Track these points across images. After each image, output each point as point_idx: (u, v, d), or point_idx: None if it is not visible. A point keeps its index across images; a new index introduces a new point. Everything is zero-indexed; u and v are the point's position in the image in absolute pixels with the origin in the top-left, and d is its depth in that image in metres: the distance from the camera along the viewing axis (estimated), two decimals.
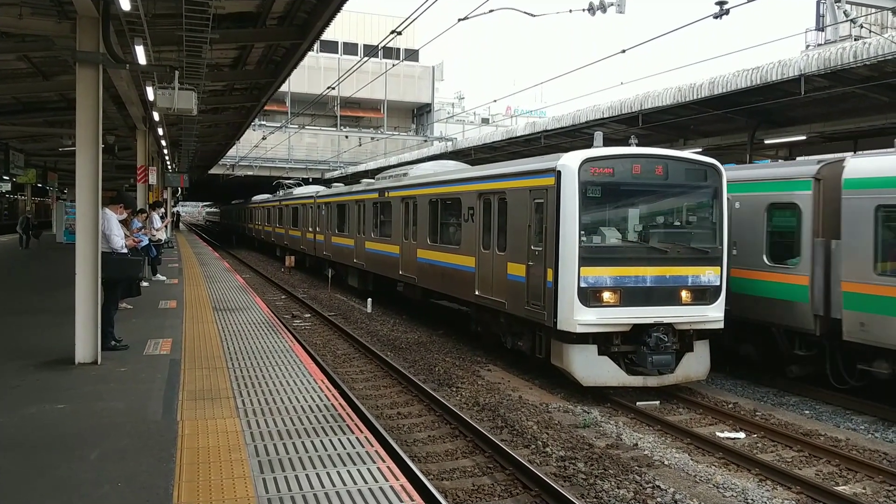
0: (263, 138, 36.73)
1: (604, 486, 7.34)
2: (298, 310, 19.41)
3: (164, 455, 5.49)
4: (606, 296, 10.36)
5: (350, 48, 58.16)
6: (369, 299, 19.61)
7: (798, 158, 17.03)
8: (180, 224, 66.93)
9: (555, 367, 10.99)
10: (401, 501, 4.76)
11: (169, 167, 33.46)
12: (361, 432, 6.18)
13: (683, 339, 10.74)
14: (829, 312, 10.56)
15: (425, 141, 52.41)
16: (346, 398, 8.98)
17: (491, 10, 12.83)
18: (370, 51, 17.42)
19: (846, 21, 19.96)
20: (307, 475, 5.16)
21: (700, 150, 18.40)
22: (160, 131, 21.88)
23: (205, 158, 39.73)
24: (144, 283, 15.42)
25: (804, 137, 17.14)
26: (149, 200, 20.74)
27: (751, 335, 12.07)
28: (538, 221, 11.15)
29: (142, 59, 10.74)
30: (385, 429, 8.65)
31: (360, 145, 48.58)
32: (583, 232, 10.38)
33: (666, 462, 8.16)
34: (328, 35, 16.84)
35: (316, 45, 14.55)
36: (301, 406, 6.93)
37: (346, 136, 50.48)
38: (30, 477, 5.05)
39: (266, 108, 24.02)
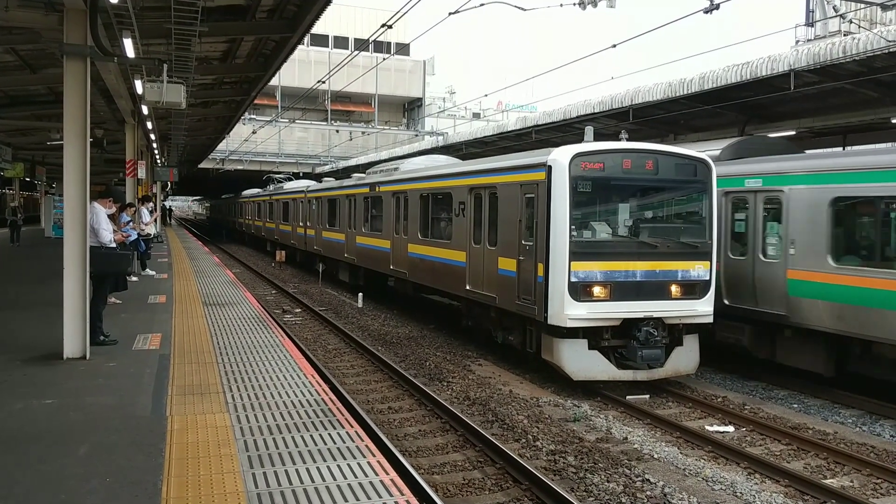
0: (253, 132, 36.61)
1: (594, 479, 7.36)
2: (289, 305, 19.37)
3: (153, 450, 5.47)
4: (597, 290, 10.38)
5: (341, 42, 57.94)
6: (360, 294, 19.58)
7: None
8: (169, 219, 66.49)
9: (545, 361, 11.01)
10: (391, 496, 4.76)
11: (158, 161, 33.32)
12: (352, 427, 6.17)
13: (673, 333, 10.78)
14: None
15: (416, 135, 52.34)
16: (336, 393, 8.99)
17: (482, 4, 12.81)
18: (361, 44, 17.35)
19: (835, 17, 20.06)
20: (297, 470, 5.15)
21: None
22: (149, 125, 21.75)
23: (194, 152, 39.52)
24: (133, 278, 15.36)
25: (794, 132, 17.22)
26: (138, 195, 20.63)
27: None
28: (529, 216, 11.16)
29: (130, 52, 10.67)
30: (376, 423, 8.64)
31: (351, 140, 48.48)
32: (573, 227, 10.39)
33: (655, 455, 8.20)
34: (318, 28, 16.78)
35: (306, 39, 14.49)
36: (291, 401, 6.91)
37: (337, 131, 50.38)
38: (16, 472, 5.01)
39: (256, 101, 23.95)
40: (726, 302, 11.89)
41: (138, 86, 13.38)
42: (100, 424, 6.07)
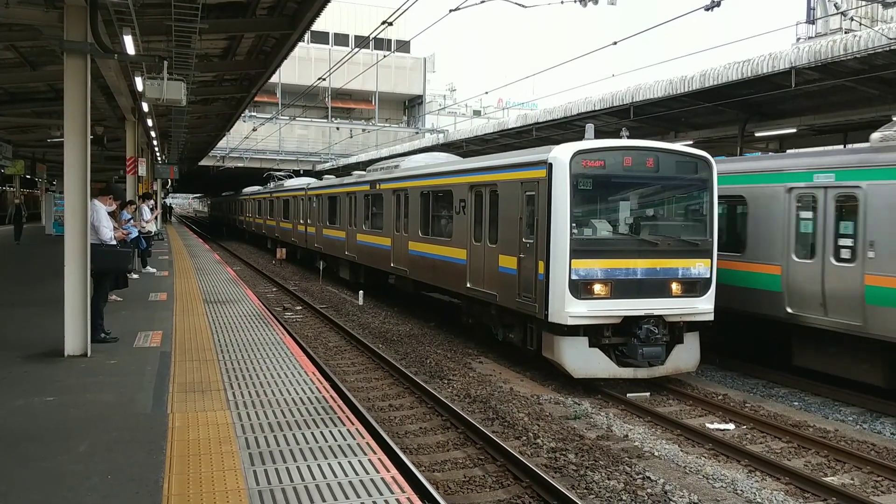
0: (254, 129, 36.56)
1: (594, 477, 7.37)
2: (290, 302, 19.37)
3: (154, 447, 5.47)
4: (597, 288, 10.38)
5: (341, 39, 57.88)
6: (361, 292, 19.59)
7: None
8: (169, 216, 66.46)
9: (546, 359, 11.01)
10: (392, 493, 4.75)
11: (158, 158, 33.28)
12: (353, 424, 6.17)
13: (673, 331, 10.78)
14: None
15: (417, 133, 52.31)
16: (337, 390, 8.98)
17: (482, 1, 12.78)
18: (361, 42, 17.34)
19: (837, 14, 20.03)
20: (298, 467, 5.15)
21: (691, 142, 18.44)
22: (149, 122, 21.72)
23: (195, 150, 39.50)
24: (134, 276, 15.35)
25: (794, 130, 17.21)
26: (138, 192, 20.62)
27: None
28: (529, 214, 11.15)
29: (130, 48, 10.65)
30: (376, 420, 8.65)
31: (352, 137, 48.48)
32: (574, 224, 10.39)
33: (656, 453, 8.20)
34: (318, 25, 16.76)
35: (306, 36, 14.46)
36: (292, 398, 6.91)
37: (338, 128, 50.33)
38: (16, 469, 5.01)
39: (256, 99, 23.90)
40: None
41: (138, 83, 13.34)
42: (100, 422, 6.07)
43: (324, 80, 21.27)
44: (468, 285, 13.17)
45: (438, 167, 16.08)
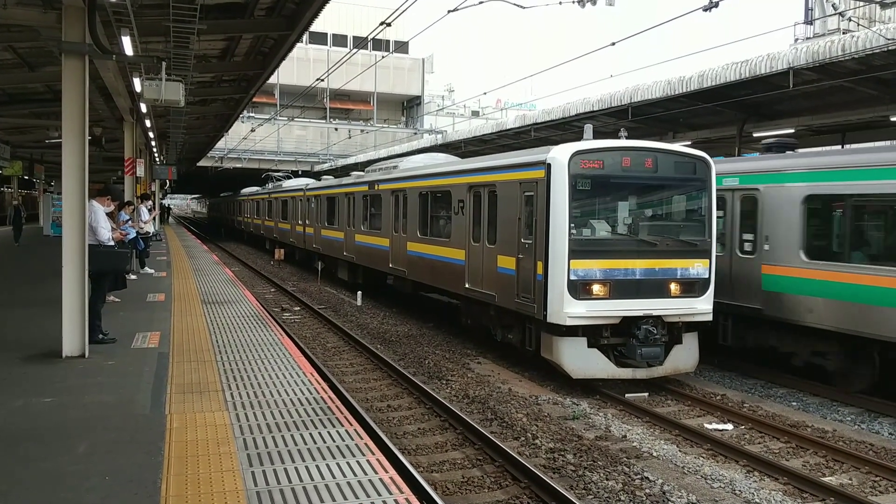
0: (252, 130, 36.56)
1: (592, 477, 7.37)
2: (288, 303, 19.36)
3: (153, 448, 5.47)
4: (596, 288, 10.38)
5: (339, 40, 57.90)
6: (359, 292, 19.58)
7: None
8: (167, 217, 66.39)
9: (544, 359, 11.01)
10: (390, 494, 4.76)
11: (157, 159, 33.27)
12: (351, 425, 6.17)
13: (672, 331, 10.79)
14: None
15: (415, 133, 52.37)
16: (335, 391, 8.99)
17: (481, 2, 12.79)
18: (359, 42, 17.35)
19: (834, 14, 20.08)
20: (296, 468, 5.15)
21: (689, 143, 18.46)
22: (148, 123, 21.71)
23: (193, 150, 39.48)
24: (132, 277, 15.35)
25: (793, 130, 17.23)
26: (136, 193, 20.61)
27: None
28: (528, 214, 11.15)
29: (128, 49, 10.65)
30: (375, 421, 8.64)
31: (350, 138, 48.51)
32: (573, 224, 10.39)
33: (654, 454, 8.20)
34: (317, 26, 16.77)
35: (305, 37, 14.47)
36: (290, 399, 6.91)
37: (336, 129, 50.38)
38: (15, 470, 5.01)
39: (255, 99, 23.88)
40: None
41: (137, 84, 13.34)
42: (99, 423, 6.07)
43: (322, 80, 21.27)
44: (467, 286, 13.17)
45: (437, 168, 16.09)
